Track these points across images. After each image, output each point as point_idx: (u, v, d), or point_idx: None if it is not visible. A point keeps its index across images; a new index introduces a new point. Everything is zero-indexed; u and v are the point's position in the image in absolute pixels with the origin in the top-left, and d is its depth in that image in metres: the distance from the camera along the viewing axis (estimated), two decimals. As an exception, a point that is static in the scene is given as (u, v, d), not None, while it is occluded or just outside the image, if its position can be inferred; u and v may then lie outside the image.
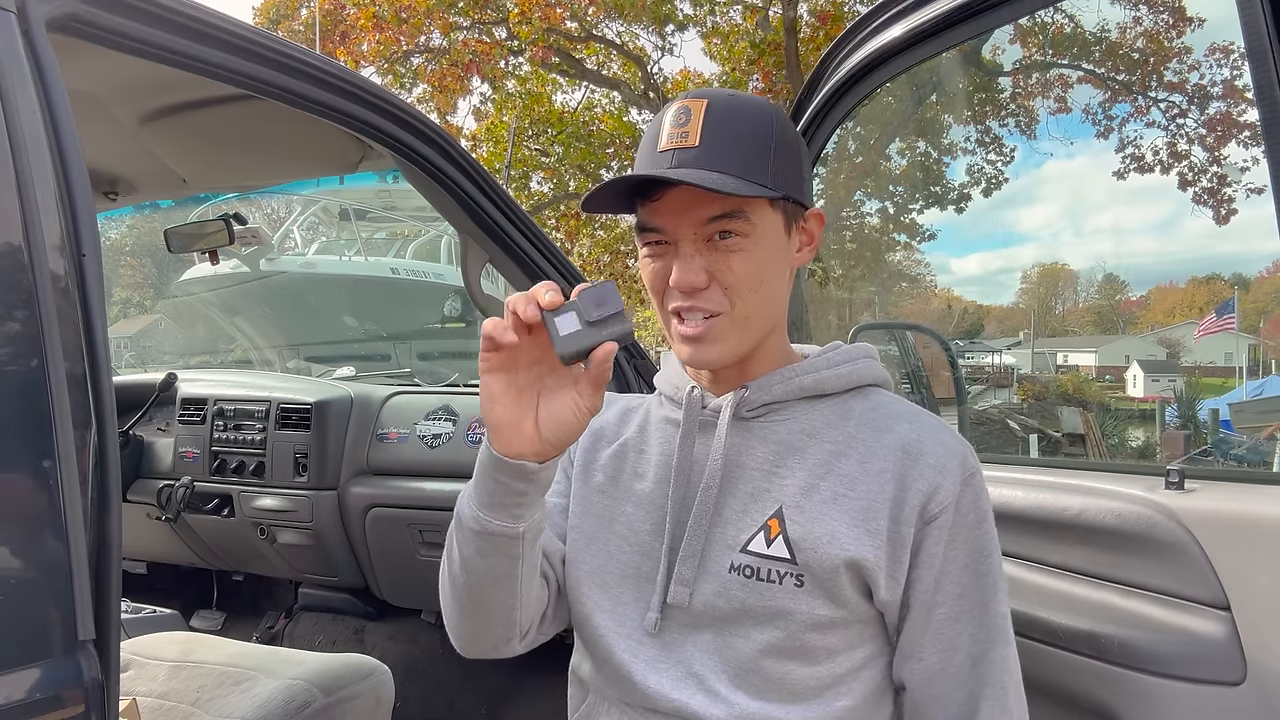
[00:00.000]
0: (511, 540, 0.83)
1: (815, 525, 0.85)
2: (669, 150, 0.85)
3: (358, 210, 9.45)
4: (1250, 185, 10.69)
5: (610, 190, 0.87)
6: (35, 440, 0.76)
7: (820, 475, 0.87)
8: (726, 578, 0.87)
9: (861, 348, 0.97)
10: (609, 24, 13.06)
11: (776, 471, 0.89)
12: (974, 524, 0.86)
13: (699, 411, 0.93)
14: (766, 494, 0.88)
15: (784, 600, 0.85)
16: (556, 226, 13.55)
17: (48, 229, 0.78)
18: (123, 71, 1.28)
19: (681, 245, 0.86)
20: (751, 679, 0.86)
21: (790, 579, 0.85)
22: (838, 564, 0.83)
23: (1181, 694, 1.10)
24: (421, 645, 2.53)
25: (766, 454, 0.90)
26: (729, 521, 0.89)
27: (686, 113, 0.85)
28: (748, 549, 0.87)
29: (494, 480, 0.80)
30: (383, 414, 2.34)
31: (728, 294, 0.86)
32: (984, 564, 0.86)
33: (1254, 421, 13.08)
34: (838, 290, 13.25)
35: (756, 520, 0.87)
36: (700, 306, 0.86)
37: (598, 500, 0.97)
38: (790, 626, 0.85)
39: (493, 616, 0.90)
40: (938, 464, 0.85)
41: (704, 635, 0.88)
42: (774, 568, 0.85)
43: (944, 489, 0.85)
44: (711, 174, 0.82)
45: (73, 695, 0.76)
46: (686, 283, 0.85)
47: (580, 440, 1.02)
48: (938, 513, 0.84)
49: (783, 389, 0.91)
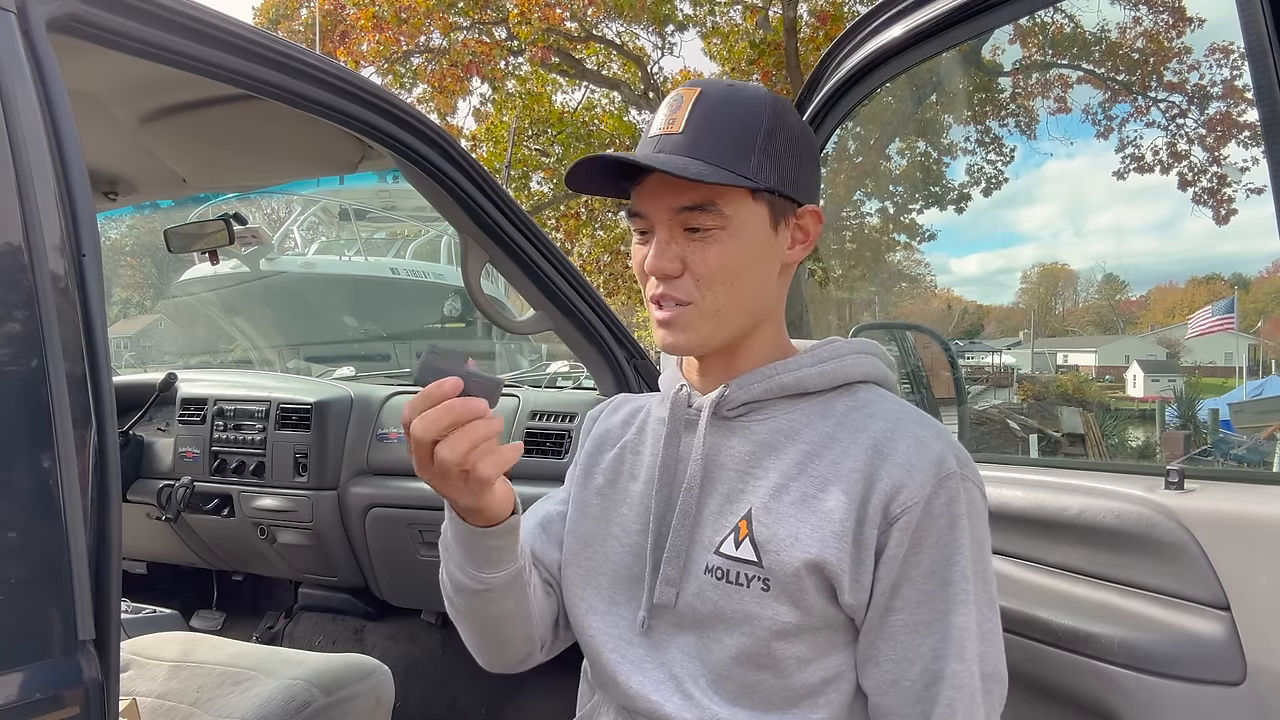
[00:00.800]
0: (515, 577, 0.86)
1: (779, 527, 0.83)
2: (657, 136, 0.85)
3: (358, 210, 9.47)
4: (1250, 185, 10.70)
5: (595, 168, 0.87)
6: (35, 440, 0.76)
7: (792, 476, 0.85)
8: (703, 579, 0.86)
9: (857, 343, 0.94)
10: (609, 24, 13.06)
11: (751, 472, 0.87)
12: (944, 528, 0.81)
13: (684, 410, 0.93)
14: (741, 495, 0.87)
15: (750, 604, 0.83)
16: (556, 226, 13.55)
17: (48, 229, 0.78)
18: (123, 71, 1.28)
19: (659, 231, 0.86)
20: (727, 685, 0.85)
21: (757, 582, 0.83)
22: (798, 566, 0.81)
23: (1181, 694, 1.10)
24: (421, 645, 2.53)
25: (744, 454, 0.88)
26: (706, 522, 0.88)
27: (679, 100, 0.85)
28: (720, 550, 0.86)
29: (486, 547, 0.83)
30: (383, 414, 2.34)
31: (699, 285, 0.85)
32: (950, 571, 0.81)
33: (1254, 421, 13.09)
34: (838, 290, 13.25)
35: (730, 522, 0.86)
36: (671, 294, 0.86)
37: (595, 503, 0.97)
38: (756, 633, 0.83)
39: (510, 641, 0.94)
40: (906, 462, 0.81)
41: (687, 637, 0.88)
42: (742, 570, 0.84)
43: (909, 489, 0.80)
44: (683, 159, 0.82)
45: (72, 695, 0.76)
46: (659, 269, 0.85)
47: (585, 447, 1.03)
48: (900, 513, 0.80)
49: (762, 387, 0.89)
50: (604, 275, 13.56)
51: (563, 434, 2.00)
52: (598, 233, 14.19)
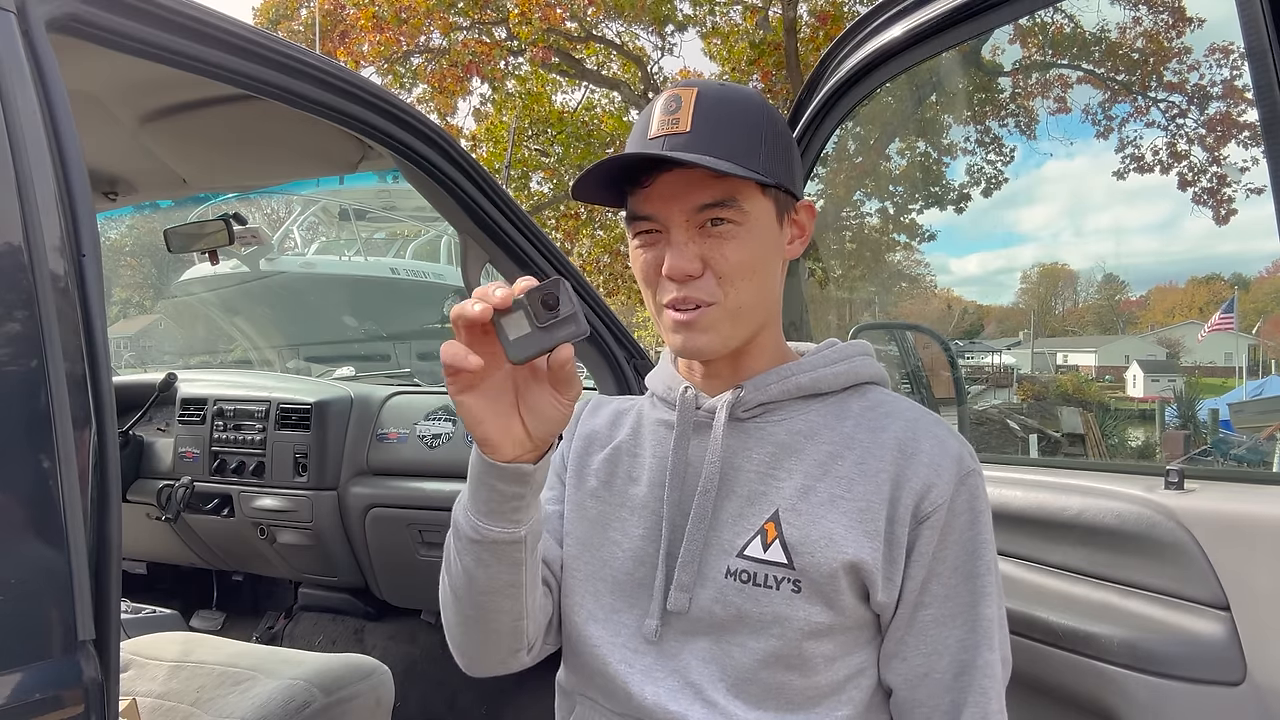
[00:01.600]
0: (513, 545, 0.81)
1: (812, 528, 0.83)
2: (660, 137, 0.83)
3: (358, 210, 9.46)
4: (1250, 185, 10.69)
5: (601, 174, 0.84)
6: (35, 440, 0.76)
7: (817, 477, 0.85)
8: (723, 583, 0.85)
9: (857, 345, 0.95)
10: (609, 24, 13.06)
11: (773, 474, 0.87)
12: (966, 524, 0.84)
13: (693, 412, 0.91)
14: (763, 497, 0.86)
15: (781, 606, 0.83)
16: (556, 226, 13.55)
17: (48, 229, 0.78)
18: (123, 71, 1.28)
19: (674, 232, 0.84)
20: (749, 688, 0.84)
21: (788, 584, 0.83)
22: (836, 567, 0.82)
23: (1181, 694, 1.10)
24: (421, 645, 2.53)
25: (763, 456, 0.88)
26: (725, 525, 0.87)
27: (677, 100, 0.84)
28: (744, 553, 0.85)
29: (490, 488, 0.79)
30: (383, 414, 2.34)
31: (721, 283, 0.84)
32: (975, 565, 0.84)
33: (1254, 421, 13.09)
34: (838, 290, 13.24)
35: (753, 524, 0.85)
36: (693, 296, 0.84)
37: (591, 506, 0.96)
38: (787, 634, 0.83)
39: (499, 629, 0.87)
40: (932, 462, 0.84)
41: (701, 643, 0.86)
42: (770, 572, 0.83)
43: (938, 488, 0.83)
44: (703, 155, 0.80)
45: (72, 695, 0.76)
46: (680, 270, 0.83)
47: (573, 446, 1.01)
48: (930, 511, 0.83)
49: (779, 388, 0.89)
50: (604, 275, 13.56)
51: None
52: (598, 233, 14.19)
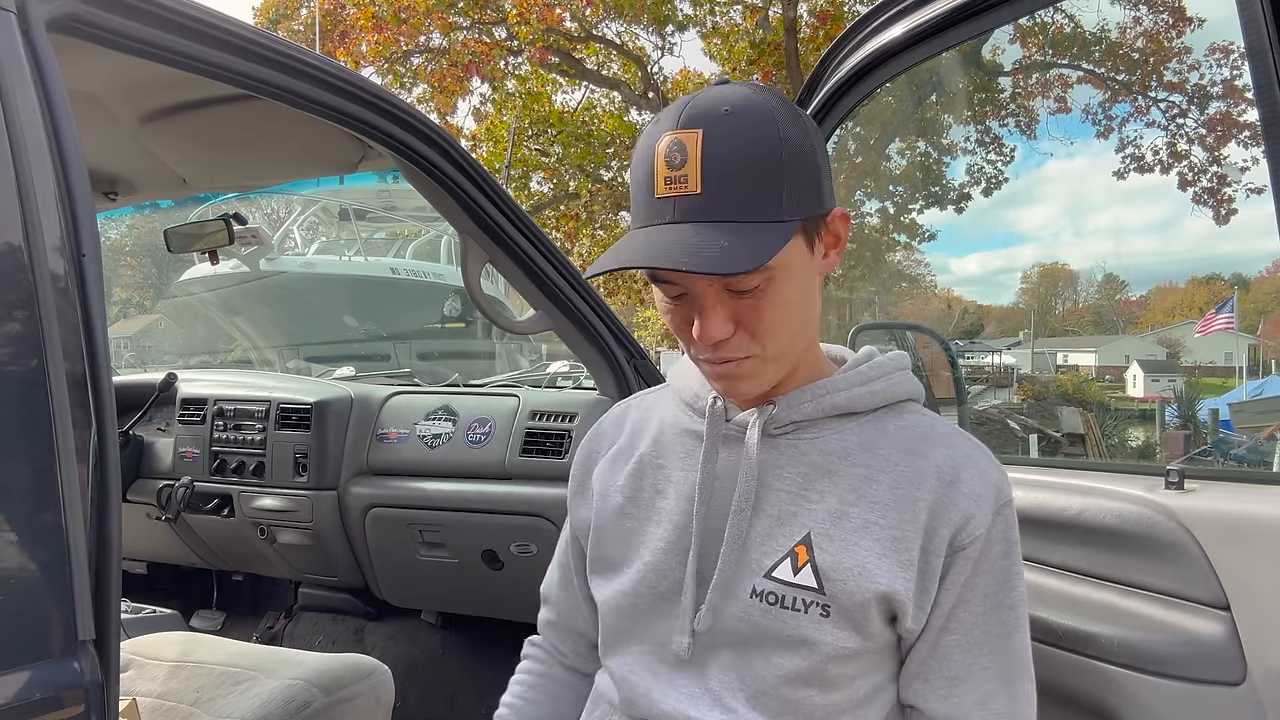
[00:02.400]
0: None
1: (845, 555, 0.81)
2: (668, 199, 0.75)
3: (358, 210, 9.47)
4: (1250, 185, 10.71)
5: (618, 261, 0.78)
6: (35, 440, 0.76)
7: (851, 501, 0.83)
8: (748, 603, 0.83)
9: (896, 359, 0.92)
10: (609, 24, 13.07)
11: (805, 495, 0.84)
12: (1000, 555, 0.83)
13: (722, 425, 0.88)
14: (794, 518, 0.84)
15: (808, 630, 0.81)
16: (556, 226, 13.56)
17: (48, 229, 0.78)
18: (123, 71, 1.28)
19: (704, 299, 0.79)
20: (769, 701, 0.84)
21: (816, 609, 0.81)
22: (869, 597, 0.80)
23: (1181, 694, 1.10)
24: (421, 645, 2.53)
25: (795, 475, 0.85)
26: (753, 545, 0.84)
27: (681, 150, 0.74)
28: (772, 575, 0.82)
29: None
30: (383, 414, 2.34)
31: (756, 338, 0.80)
32: (1007, 596, 0.83)
33: (1254, 421, 13.09)
34: (838, 290, 13.23)
35: (783, 545, 0.83)
36: (729, 356, 0.81)
37: (616, 522, 0.94)
38: (813, 657, 0.81)
39: None
40: (973, 493, 0.82)
41: (721, 654, 0.86)
42: (799, 596, 0.81)
43: (976, 519, 0.81)
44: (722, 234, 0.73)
45: (72, 695, 0.76)
46: (711, 338, 0.79)
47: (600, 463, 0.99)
48: (968, 543, 0.81)
49: (813, 407, 0.86)
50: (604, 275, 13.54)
51: (563, 434, 2.00)
52: (597, 233, 14.19)
